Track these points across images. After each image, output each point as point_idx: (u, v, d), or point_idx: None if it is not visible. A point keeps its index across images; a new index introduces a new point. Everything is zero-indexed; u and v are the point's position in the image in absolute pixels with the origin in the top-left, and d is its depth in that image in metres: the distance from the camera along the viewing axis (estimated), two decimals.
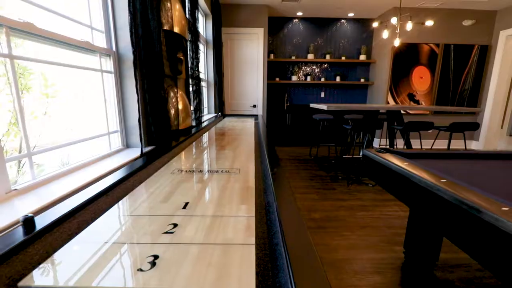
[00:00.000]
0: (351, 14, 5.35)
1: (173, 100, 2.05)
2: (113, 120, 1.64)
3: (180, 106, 2.12)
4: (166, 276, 0.54)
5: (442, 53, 5.04)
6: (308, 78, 5.73)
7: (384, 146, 5.00)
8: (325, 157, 4.66)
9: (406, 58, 5.06)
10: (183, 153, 1.66)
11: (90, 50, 1.40)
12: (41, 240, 0.66)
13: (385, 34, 3.77)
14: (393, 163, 1.46)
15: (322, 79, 5.74)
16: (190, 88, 2.72)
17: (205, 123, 3.15)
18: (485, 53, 5.05)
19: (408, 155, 1.66)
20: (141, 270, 0.56)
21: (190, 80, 2.71)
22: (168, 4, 1.95)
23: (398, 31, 3.53)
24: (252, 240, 0.69)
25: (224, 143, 2.02)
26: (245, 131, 2.77)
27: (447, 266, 1.79)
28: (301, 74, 5.83)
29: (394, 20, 3.40)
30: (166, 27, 1.90)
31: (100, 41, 1.52)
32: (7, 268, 0.57)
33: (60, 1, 1.30)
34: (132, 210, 0.84)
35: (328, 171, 3.87)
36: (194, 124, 2.82)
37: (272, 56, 5.58)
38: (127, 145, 1.73)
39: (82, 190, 1.09)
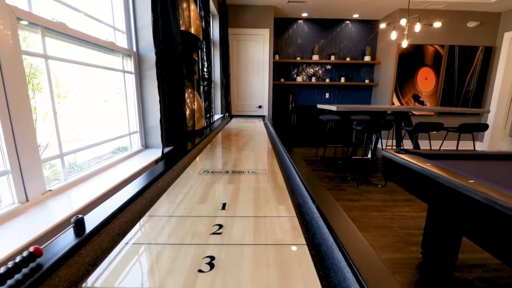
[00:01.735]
0: (356, 15, 5.37)
1: (188, 101, 2.05)
2: (133, 121, 1.63)
3: (195, 107, 2.12)
4: (229, 277, 0.54)
5: (447, 54, 5.06)
6: (313, 79, 5.74)
7: (390, 147, 5.01)
8: (331, 157, 4.67)
9: (411, 59, 5.08)
10: (202, 154, 1.66)
11: (113, 50, 1.40)
12: (91, 241, 0.66)
13: (393, 35, 3.78)
14: (415, 164, 1.46)
15: (327, 80, 5.75)
16: (201, 89, 2.72)
17: (215, 124, 3.14)
18: (490, 54, 5.08)
19: (427, 155, 1.67)
20: (201, 271, 0.56)
21: (201, 81, 2.71)
22: (185, 5, 1.95)
23: (406, 32, 3.54)
24: (302, 240, 0.69)
25: (240, 143, 2.02)
26: (257, 131, 2.77)
27: (465, 266, 1.79)
28: (305, 75, 5.84)
29: (403, 22, 3.42)
30: (182, 28, 1.90)
31: (121, 41, 1.52)
32: (65, 270, 0.56)
33: (81, 1, 1.30)
34: (172, 211, 0.84)
35: (336, 171, 3.87)
36: (205, 125, 2.82)
37: (277, 57, 5.58)
38: (145, 146, 1.72)
39: (114, 191, 1.09)
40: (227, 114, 4.36)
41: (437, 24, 3.64)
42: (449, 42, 5.04)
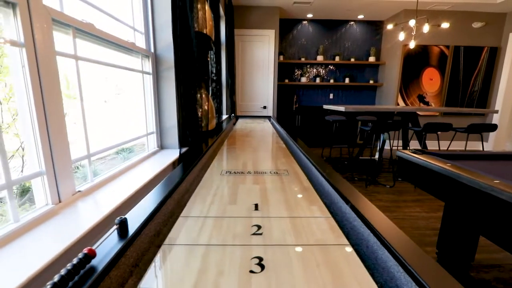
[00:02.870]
0: (360, 16, 5.37)
1: (202, 102, 2.05)
2: (150, 122, 1.63)
3: (208, 108, 2.12)
4: (283, 278, 0.53)
5: (452, 55, 5.07)
6: (317, 79, 5.74)
7: (396, 148, 5.01)
8: (337, 158, 4.67)
9: (416, 60, 5.09)
10: (219, 154, 1.66)
11: (133, 51, 1.40)
12: (134, 243, 0.65)
13: (401, 36, 3.79)
14: (435, 164, 1.46)
15: (331, 81, 5.75)
16: (211, 90, 2.72)
17: (223, 125, 3.14)
18: (495, 54, 5.09)
19: (443, 156, 1.67)
20: (252, 272, 0.55)
21: (211, 82, 2.71)
22: (199, 5, 1.95)
23: (414, 33, 3.55)
24: (344, 240, 0.69)
25: (253, 144, 2.01)
26: (266, 132, 2.77)
27: (481, 267, 1.79)
28: (310, 75, 5.84)
29: (412, 22, 3.43)
30: (197, 29, 1.91)
31: (140, 42, 1.52)
32: (115, 271, 0.56)
33: (102, 1, 1.30)
34: (205, 212, 0.83)
35: (343, 172, 3.87)
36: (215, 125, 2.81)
37: (281, 57, 5.58)
38: (161, 147, 1.72)
39: (141, 191, 1.09)
40: (233, 114, 4.36)
41: (445, 25, 3.65)
42: (454, 42, 5.05)
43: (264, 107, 5.34)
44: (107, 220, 0.81)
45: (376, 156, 3.58)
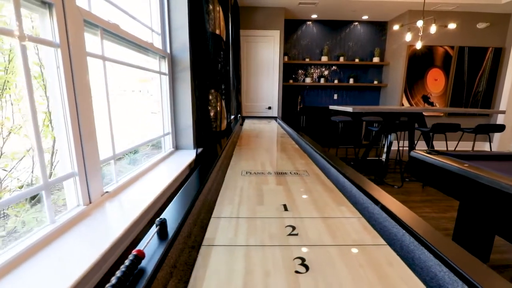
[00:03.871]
0: (365, 17, 5.38)
1: (215, 103, 2.05)
2: (166, 122, 1.63)
3: (220, 109, 2.12)
4: (330, 278, 0.54)
5: (456, 56, 5.08)
6: (322, 80, 5.75)
7: (401, 148, 5.01)
8: (343, 158, 4.67)
9: (421, 60, 5.09)
10: (235, 155, 1.66)
11: (151, 51, 1.40)
12: (173, 245, 0.65)
13: (408, 36, 3.79)
14: (452, 164, 1.46)
15: (335, 81, 5.76)
16: (221, 91, 2.72)
17: (232, 125, 3.14)
18: (499, 55, 5.10)
19: (458, 156, 1.67)
20: (298, 272, 0.56)
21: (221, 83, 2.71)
22: (211, 6, 1.96)
23: (421, 33, 3.56)
24: (381, 240, 0.69)
25: (266, 144, 2.01)
26: (276, 132, 2.77)
27: (495, 267, 1.79)
28: (314, 76, 5.85)
29: (419, 23, 3.43)
30: (211, 30, 1.91)
31: (157, 42, 1.52)
32: (160, 272, 0.56)
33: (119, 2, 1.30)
34: (236, 212, 0.84)
35: None
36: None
37: (286, 58, 5.59)
38: (176, 147, 1.72)
39: (166, 191, 1.09)
40: (239, 115, 4.37)
41: (452, 26, 3.66)
42: (458, 43, 5.05)
43: (269, 108, 5.34)
44: (138, 221, 0.81)
45: (383, 157, 3.58)
